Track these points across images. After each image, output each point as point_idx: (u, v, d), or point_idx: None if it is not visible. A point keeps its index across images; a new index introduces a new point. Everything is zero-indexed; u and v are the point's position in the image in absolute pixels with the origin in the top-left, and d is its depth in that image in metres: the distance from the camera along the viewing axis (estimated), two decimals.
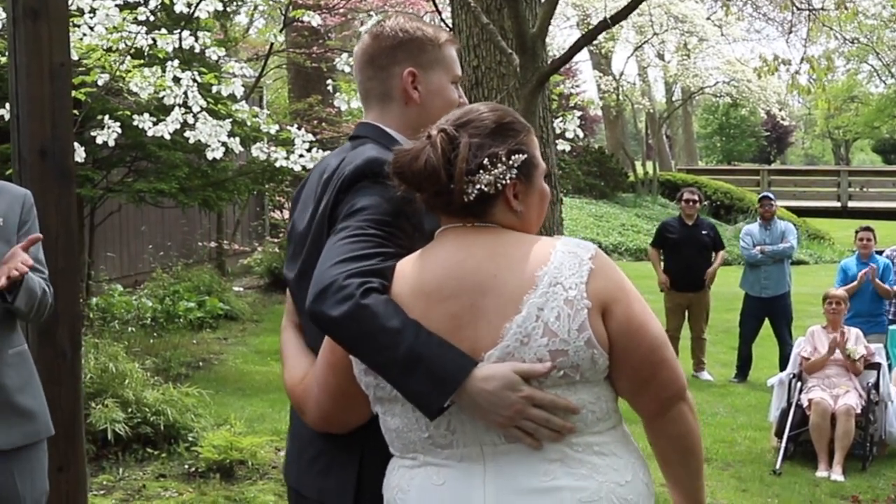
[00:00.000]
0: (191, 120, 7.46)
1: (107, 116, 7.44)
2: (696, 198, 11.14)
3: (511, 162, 2.20)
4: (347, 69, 8.40)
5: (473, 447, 2.15)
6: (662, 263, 11.09)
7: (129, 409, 6.97)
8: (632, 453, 2.22)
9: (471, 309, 2.13)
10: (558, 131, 7.34)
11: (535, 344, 2.10)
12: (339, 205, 2.36)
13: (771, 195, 11.33)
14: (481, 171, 2.17)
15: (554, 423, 2.11)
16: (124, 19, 6.97)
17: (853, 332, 8.35)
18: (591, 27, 6.11)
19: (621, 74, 31.66)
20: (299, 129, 8.33)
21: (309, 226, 2.49)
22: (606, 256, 2.21)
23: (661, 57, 31.52)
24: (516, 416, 2.10)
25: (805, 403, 7.94)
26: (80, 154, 6.60)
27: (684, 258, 10.79)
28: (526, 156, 2.23)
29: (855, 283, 9.64)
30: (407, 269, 2.22)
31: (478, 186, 2.17)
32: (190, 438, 7.02)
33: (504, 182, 2.19)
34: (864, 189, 31.40)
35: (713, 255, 11.00)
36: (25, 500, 3.32)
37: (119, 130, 7.37)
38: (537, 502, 2.10)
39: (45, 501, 3.46)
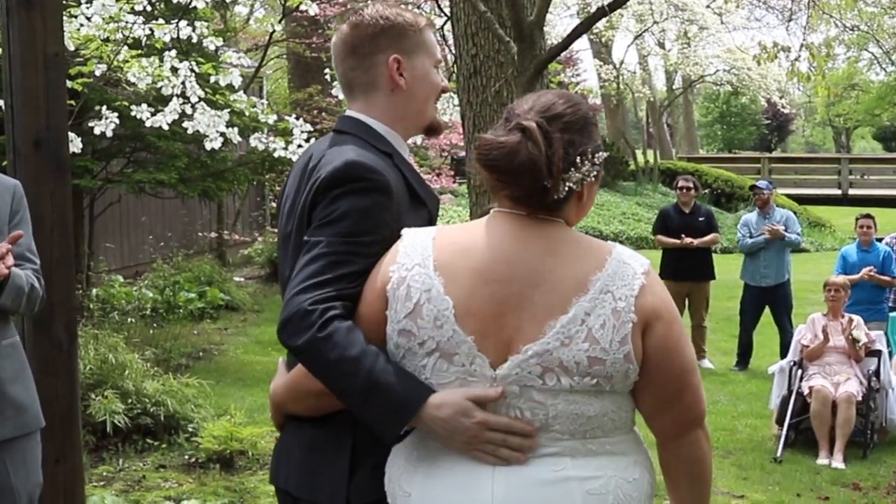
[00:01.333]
0: (189, 110, 7.44)
1: (105, 107, 7.42)
2: (691, 185, 11.11)
3: (595, 160, 2.20)
4: None
5: None
6: (662, 251, 11.08)
7: (129, 400, 6.98)
8: (641, 454, 2.23)
9: (518, 297, 2.11)
10: None
11: (575, 348, 2.08)
12: (314, 208, 2.32)
13: (761, 184, 11.17)
14: (572, 170, 2.15)
15: (511, 442, 2.11)
16: (121, 9, 6.95)
17: (855, 320, 8.33)
18: (589, 15, 6.10)
19: (621, 63, 31.61)
20: (298, 118, 8.32)
21: (289, 225, 2.46)
22: (656, 273, 2.21)
23: (661, 45, 31.46)
24: (473, 440, 2.11)
25: (806, 391, 7.93)
26: (77, 145, 6.57)
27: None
28: (604, 153, 2.24)
29: (856, 277, 9.58)
30: (459, 240, 2.20)
31: (567, 184, 2.15)
32: (190, 429, 7.02)
33: (588, 180, 2.18)
34: (865, 177, 31.37)
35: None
36: (19, 491, 3.32)
37: (117, 121, 7.35)
38: (546, 493, 2.09)
39: (38, 493, 3.45)
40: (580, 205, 2.23)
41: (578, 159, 2.15)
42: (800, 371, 8.18)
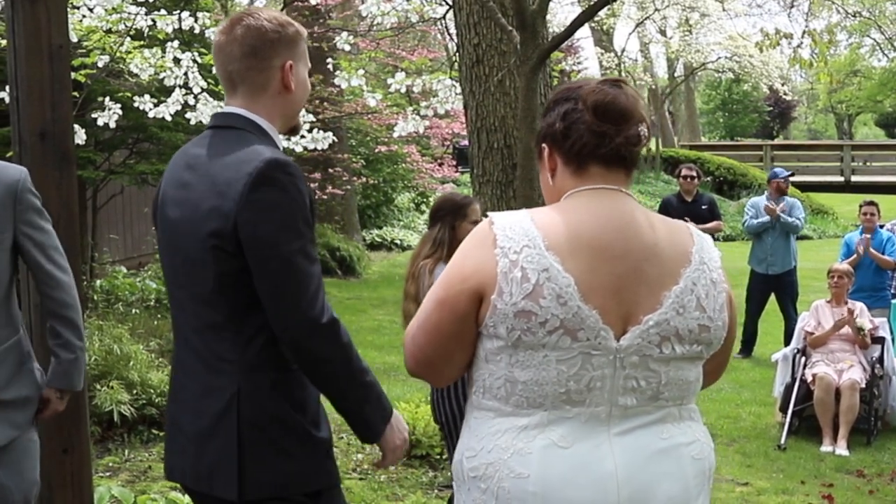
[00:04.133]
0: (192, 101, 7.45)
1: (107, 98, 7.43)
2: (694, 174, 11.07)
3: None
4: (348, 48, 8.38)
5: (604, 407, 2.19)
6: None
7: (135, 391, 6.99)
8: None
9: (634, 272, 2.19)
10: None
11: (688, 316, 2.21)
12: (245, 206, 2.45)
13: (786, 172, 11.21)
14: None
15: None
16: (123, 0, 6.95)
17: (858, 307, 8.34)
18: (591, 4, 6.10)
19: (623, 51, 31.54)
20: None
21: (186, 221, 2.64)
22: None
23: (662, 33, 31.39)
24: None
25: (809, 378, 7.94)
26: (80, 136, 6.58)
27: None
28: None
29: (854, 256, 9.61)
30: (560, 219, 2.22)
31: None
32: None
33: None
34: (868, 163, 31.30)
35: None
36: (12, 491, 3.26)
37: (120, 112, 7.35)
38: (663, 463, 2.21)
39: (35, 492, 3.40)
40: None
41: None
42: (803, 358, 8.18)
